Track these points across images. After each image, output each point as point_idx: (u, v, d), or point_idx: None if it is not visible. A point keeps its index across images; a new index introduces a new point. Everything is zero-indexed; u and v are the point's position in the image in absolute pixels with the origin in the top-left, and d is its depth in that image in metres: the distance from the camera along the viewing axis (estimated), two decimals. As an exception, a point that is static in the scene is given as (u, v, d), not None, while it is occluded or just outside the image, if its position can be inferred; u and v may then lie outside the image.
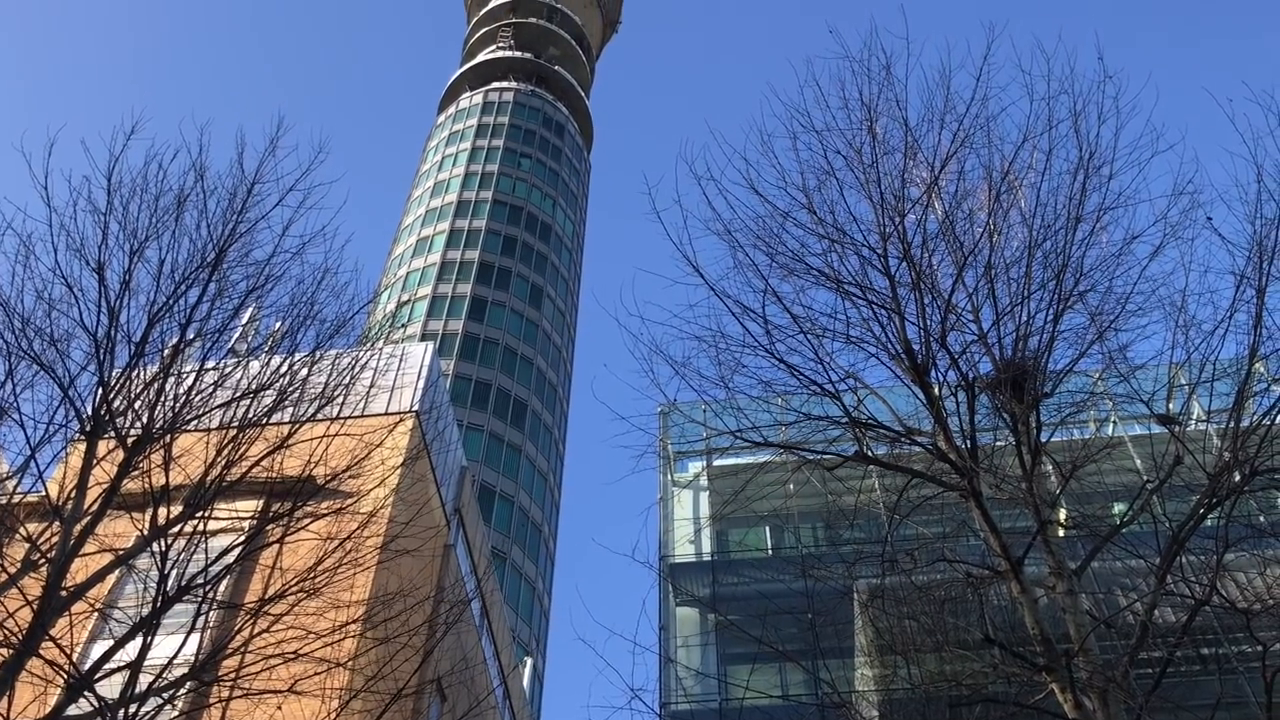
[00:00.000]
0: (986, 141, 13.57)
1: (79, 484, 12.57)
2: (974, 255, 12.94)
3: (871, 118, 13.54)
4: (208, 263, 14.14)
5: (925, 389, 12.60)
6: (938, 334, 12.56)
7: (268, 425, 14.30)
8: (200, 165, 14.70)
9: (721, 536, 29.93)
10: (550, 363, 70.74)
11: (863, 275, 13.15)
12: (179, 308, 14.01)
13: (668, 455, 30.46)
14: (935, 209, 13.39)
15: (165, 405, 13.57)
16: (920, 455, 13.17)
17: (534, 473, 62.58)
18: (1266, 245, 11.26)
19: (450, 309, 68.60)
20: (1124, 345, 12.99)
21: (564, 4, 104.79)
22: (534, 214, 79.43)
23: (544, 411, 67.04)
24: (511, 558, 56.16)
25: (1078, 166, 12.85)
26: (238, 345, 17.22)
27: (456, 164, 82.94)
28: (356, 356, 16.00)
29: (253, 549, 14.86)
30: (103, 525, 12.90)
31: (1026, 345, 12.62)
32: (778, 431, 14.20)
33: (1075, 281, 12.69)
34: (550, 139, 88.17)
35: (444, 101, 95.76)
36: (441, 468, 26.67)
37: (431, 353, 28.83)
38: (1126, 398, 13.46)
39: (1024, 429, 12.21)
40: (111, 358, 13.47)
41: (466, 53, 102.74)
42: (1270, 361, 11.85)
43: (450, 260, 72.91)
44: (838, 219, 13.34)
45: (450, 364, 61.90)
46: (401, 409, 24.29)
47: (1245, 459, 11.15)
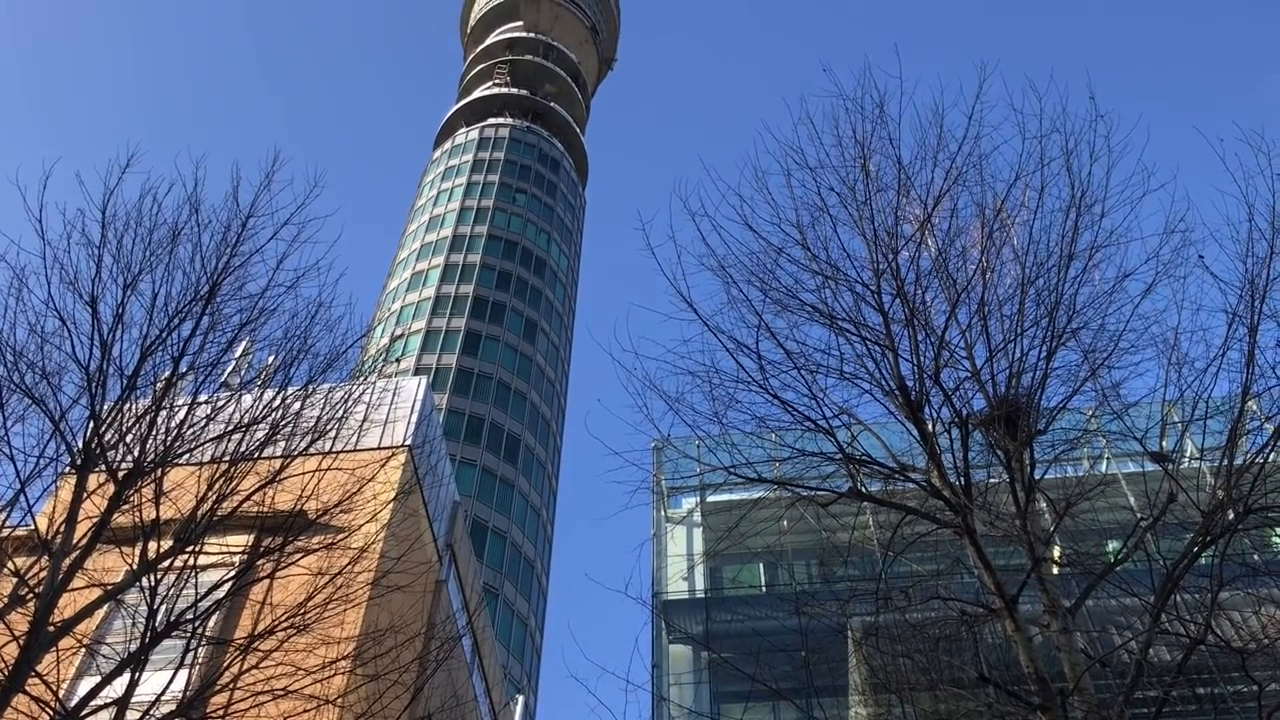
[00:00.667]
0: (979, 179, 13.66)
1: (69, 518, 12.48)
2: (967, 292, 12.98)
3: (865, 155, 13.63)
4: (201, 296, 14.14)
5: (919, 425, 12.59)
6: (931, 370, 12.57)
7: (260, 459, 14.24)
8: (195, 199, 14.75)
9: (715, 573, 29.79)
10: (544, 397, 70.67)
11: (856, 311, 13.18)
12: (172, 341, 14.00)
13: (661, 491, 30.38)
14: (928, 246, 13.45)
15: (157, 439, 13.52)
16: (914, 492, 13.14)
17: (527, 508, 62.33)
18: (1258, 283, 11.31)
19: (444, 343, 68.58)
20: (1117, 383, 13.02)
21: (560, 42, 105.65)
22: (529, 249, 79.66)
23: (537, 446, 66.88)
24: (503, 593, 55.80)
25: (1070, 204, 12.93)
26: (230, 379, 17.19)
27: (452, 199, 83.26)
28: (349, 390, 15.96)
29: (243, 584, 14.76)
30: (92, 559, 12.80)
31: (1020, 382, 12.64)
32: (771, 467, 14.17)
33: (1068, 319, 12.73)
34: (545, 174, 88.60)
35: (440, 137, 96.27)
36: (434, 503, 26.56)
37: (425, 387, 28.80)
38: (1120, 435, 13.45)
39: (1018, 466, 12.19)
40: (103, 391, 13.43)
41: (463, 89, 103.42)
42: (1263, 399, 11.87)
43: (445, 294, 72.98)
44: (831, 255, 13.40)
45: (443, 398, 61.80)
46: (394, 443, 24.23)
47: (1239, 497, 11.13)
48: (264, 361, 16.49)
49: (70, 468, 13.47)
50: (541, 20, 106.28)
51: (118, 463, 13.32)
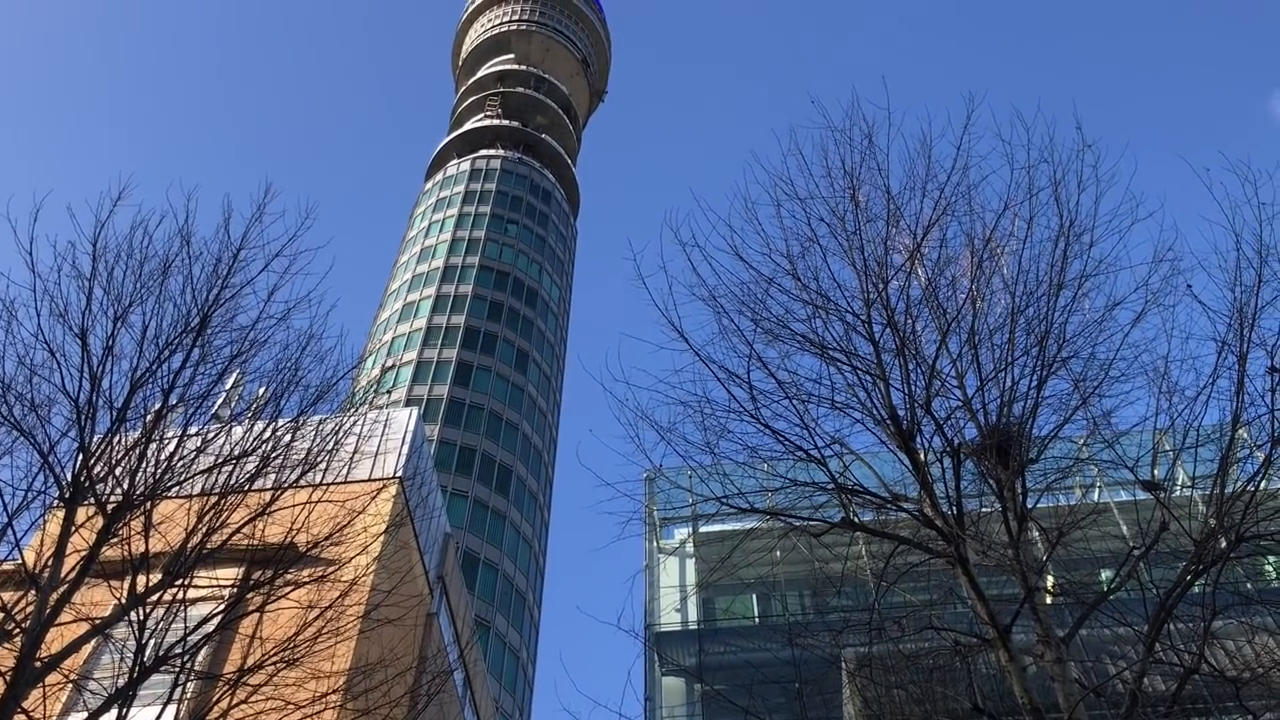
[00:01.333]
0: (968, 209, 13.74)
1: (56, 551, 12.39)
2: (957, 322, 13.02)
3: (854, 186, 13.70)
4: (192, 328, 14.12)
5: (911, 455, 12.59)
6: (922, 400, 12.59)
7: (250, 492, 14.17)
8: (186, 231, 14.75)
9: (708, 604, 29.65)
10: (535, 428, 70.54)
11: (847, 341, 13.21)
12: (162, 373, 13.96)
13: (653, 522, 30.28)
14: (918, 276, 13.50)
15: (146, 471, 13.45)
16: (907, 521, 13.12)
17: (518, 539, 62.06)
18: (1246, 312, 11.37)
19: (435, 374, 68.50)
20: (1108, 411, 13.05)
21: (551, 74, 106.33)
22: (520, 279, 79.79)
23: (529, 477, 66.68)
24: (495, 626, 55.45)
25: (1059, 234, 13.00)
26: (221, 411, 17.13)
27: (443, 230, 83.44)
28: (340, 422, 15.92)
29: (232, 618, 14.64)
30: (79, 593, 12.70)
31: (1011, 411, 12.66)
32: (764, 498, 14.14)
33: (1058, 348, 12.77)
34: (537, 205, 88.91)
35: (431, 168, 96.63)
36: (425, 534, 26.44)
37: (416, 418, 28.73)
38: (1111, 464, 13.47)
39: (1010, 495, 12.19)
40: (93, 423, 13.38)
41: (454, 121, 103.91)
42: (1253, 427, 11.89)
43: (436, 325, 72.99)
44: (822, 285, 13.44)
45: (435, 429, 61.66)
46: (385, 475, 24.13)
47: (1230, 525, 11.14)
48: (254, 393, 16.45)
49: (59, 501, 13.38)
50: (533, 53, 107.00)
51: (107, 496, 13.24)
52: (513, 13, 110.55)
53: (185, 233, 14.71)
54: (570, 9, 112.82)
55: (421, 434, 29.32)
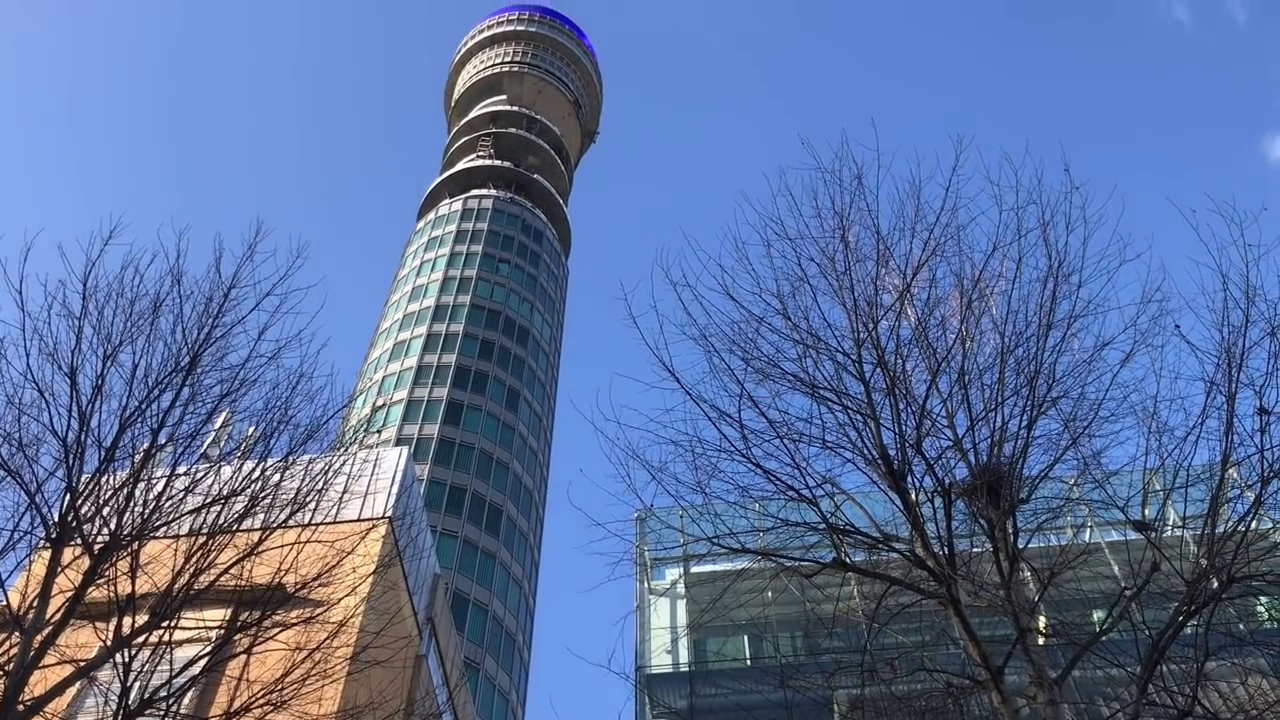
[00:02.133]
0: (957, 250, 13.82)
1: (42, 592, 12.28)
2: (947, 361, 13.06)
3: (844, 226, 13.79)
4: (182, 367, 14.10)
5: (902, 495, 12.58)
6: (913, 439, 12.60)
7: (238, 532, 14.08)
8: (178, 270, 14.77)
9: (699, 646, 29.45)
10: (526, 467, 70.32)
11: (838, 380, 13.23)
12: (151, 412, 13.92)
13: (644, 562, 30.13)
14: (908, 315, 13.55)
15: (134, 511, 13.37)
16: (898, 562, 13.08)
17: (508, 580, 61.65)
18: (1234, 352, 11.43)
19: (426, 413, 68.33)
20: (1098, 451, 13.06)
21: (543, 115, 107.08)
22: (511, 318, 79.86)
23: (519, 517, 66.37)
24: (485, 668, 54.94)
25: (1047, 275, 13.08)
26: (210, 450, 17.06)
27: (435, 269, 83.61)
28: (330, 462, 15.86)
29: (219, 659, 14.49)
30: (65, 635, 12.57)
31: (1001, 451, 12.66)
32: (755, 538, 14.09)
33: (1048, 388, 12.81)
34: (529, 245, 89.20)
35: (423, 208, 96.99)
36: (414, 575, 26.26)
37: (406, 458, 28.63)
38: (1102, 504, 13.47)
39: (1001, 535, 12.17)
40: (81, 463, 13.31)
41: (446, 161, 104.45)
42: (1243, 467, 11.92)
43: (427, 364, 72.91)
44: (812, 325, 13.49)
45: (425, 469, 61.41)
46: (374, 515, 24.01)
47: (1222, 566, 11.13)
48: (244, 433, 16.39)
49: (45, 541, 13.28)
50: (525, 94, 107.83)
51: (94, 536, 13.14)
52: (506, 55, 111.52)
53: (176, 271, 14.74)
54: (562, 51, 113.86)
55: (411, 473, 29.21)
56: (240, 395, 14.82)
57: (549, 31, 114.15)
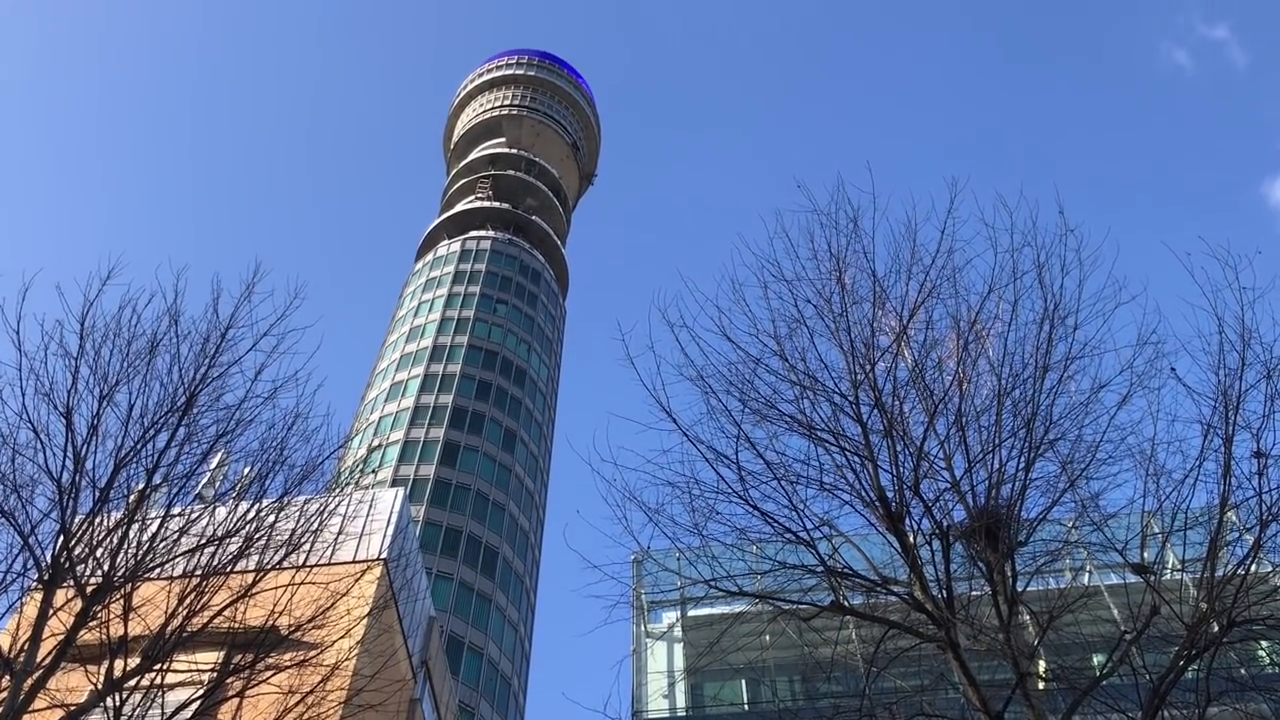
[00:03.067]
0: (953, 292, 13.86)
1: (33, 635, 12.17)
2: (944, 403, 13.05)
3: (840, 268, 13.83)
4: (178, 407, 14.07)
5: (900, 537, 12.53)
6: (911, 481, 12.57)
7: (232, 573, 13.99)
8: (175, 310, 14.78)
9: (696, 690, 29.15)
10: (522, 509, 70.01)
11: (835, 422, 13.21)
12: (147, 452, 13.87)
13: (641, 605, 29.91)
14: (905, 357, 13.56)
15: (128, 553, 13.28)
16: (897, 605, 13.00)
17: (504, 623, 61.17)
18: (1231, 395, 11.44)
19: (422, 454, 68.13)
20: (1096, 494, 13.02)
21: (542, 157, 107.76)
22: (509, 359, 79.88)
23: (515, 559, 65.98)
24: (480, 713, 54.36)
25: (1043, 317, 13.11)
26: (205, 491, 16.98)
27: (433, 309, 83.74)
28: (325, 502, 15.79)
29: (211, 703, 14.34)
30: (55, 678, 12.44)
31: (999, 493, 12.63)
32: (752, 580, 14.01)
33: (1045, 430, 12.79)
34: (526, 285, 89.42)
35: (422, 249, 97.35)
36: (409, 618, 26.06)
37: (402, 498, 28.50)
38: (1101, 546, 13.41)
39: (1000, 578, 12.11)
40: (75, 504, 13.24)
41: (445, 203, 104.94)
42: (1241, 510, 11.88)
43: (424, 404, 72.81)
44: (809, 366, 13.49)
45: (421, 510, 61.14)
46: (369, 556, 23.86)
47: (1222, 609, 11.06)
48: (239, 473, 16.33)
49: (37, 583, 13.18)
50: (524, 137, 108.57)
51: (86, 578, 13.05)
52: (505, 98, 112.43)
53: (174, 311, 14.76)
54: (561, 95, 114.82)
55: (407, 515, 29.07)
56: (236, 435, 14.79)
57: (548, 76, 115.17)
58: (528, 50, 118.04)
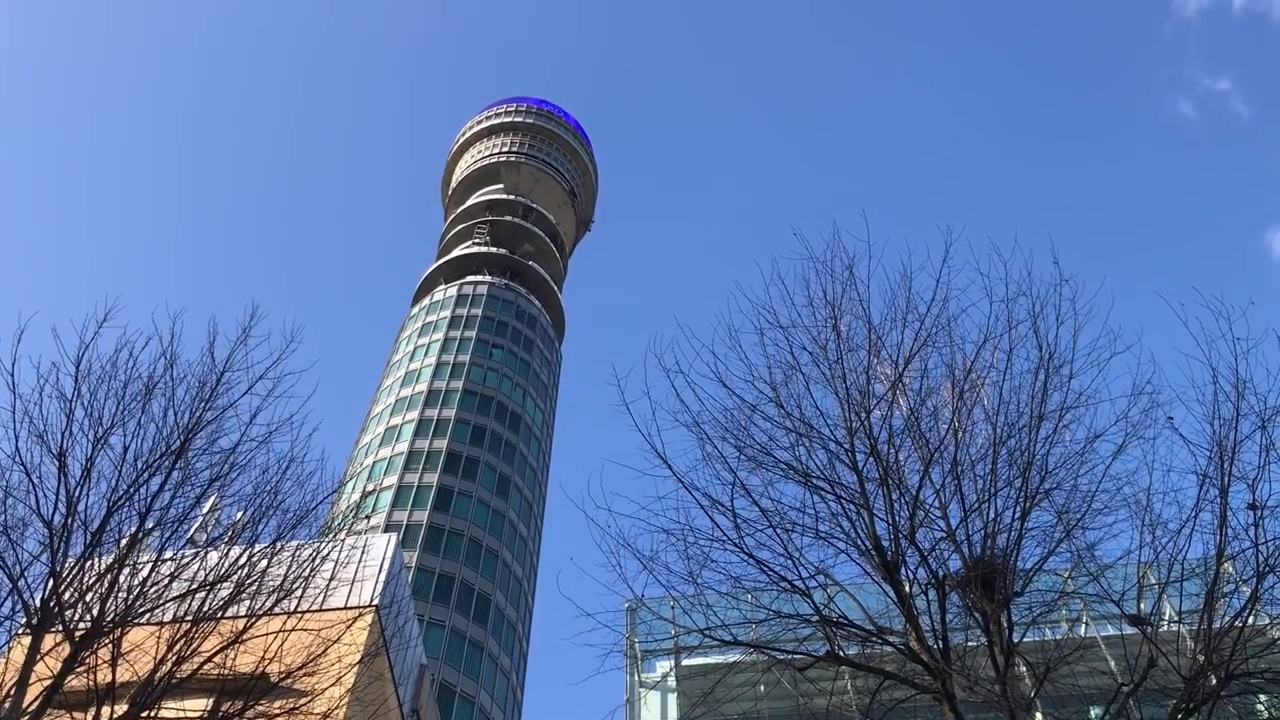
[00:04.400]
0: (949, 340, 13.91)
1: (19, 681, 12.03)
2: (940, 452, 13.05)
3: (836, 315, 13.88)
4: (172, 450, 14.03)
5: (896, 586, 12.47)
6: (907, 530, 12.53)
7: (223, 619, 13.87)
8: (171, 353, 14.79)
9: (690, 741, 28.80)
10: (516, 555, 69.56)
11: (831, 470, 13.19)
12: (140, 496, 13.80)
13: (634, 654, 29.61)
14: (900, 405, 13.58)
15: (118, 597, 13.18)
16: (892, 655, 12.90)
17: (496, 671, 60.55)
18: (1226, 445, 11.45)
19: (416, 499, 67.80)
20: (1092, 544, 12.99)
21: (539, 203, 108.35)
22: (504, 404, 79.76)
23: (508, 607, 65.46)
24: (470, 762, 53.64)
25: (1038, 366, 13.15)
26: (197, 535, 16.89)
27: (428, 354, 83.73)
28: (318, 548, 15.71)
29: (198, 752, 14.16)
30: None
31: (995, 543, 12.59)
32: (747, 630, 13.91)
33: (1041, 479, 12.78)
34: (522, 330, 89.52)
35: (418, 294, 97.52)
36: (400, 665, 25.81)
37: (394, 545, 28.36)
38: (1097, 597, 13.35)
39: (996, 629, 12.03)
40: (66, 547, 13.16)
41: (442, 248, 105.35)
42: (1238, 562, 11.85)
43: (418, 449, 72.57)
44: (804, 413, 13.49)
45: (413, 556, 60.71)
46: (361, 603, 23.69)
47: (1220, 662, 10.99)
48: (232, 517, 16.24)
49: (25, 627, 13.05)
50: (521, 183, 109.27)
51: (75, 622, 12.93)
52: (503, 145, 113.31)
53: (170, 355, 14.77)
54: (559, 142, 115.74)
55: (400, 561, 28.89)
56: (230, 479, 14.74)
57: (546, 123, 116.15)
58: (526, 98, 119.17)
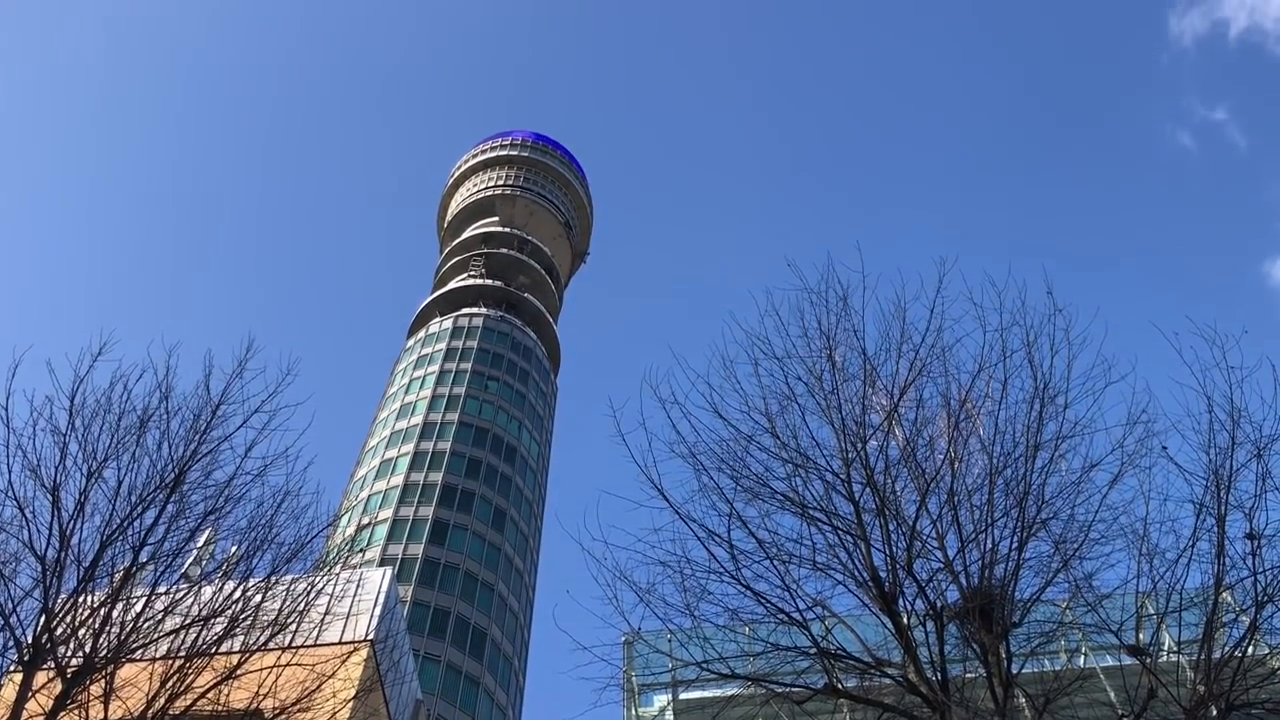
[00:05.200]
0: (943, 370, 13.92)
1: (11, 717, 11.92)
2: (936, 482, 13.03)
3: (830, 346, 13.90)
4: (166, 484, 13.98)
5: (894, 618, 12.41)
6: (904, 561, 12.49)
7: (217, 655, 13.77)
8: (166, 386, 14.77)
9: (687, 776, 28.55)
10: (512, 589, 69.17)
11: (827, 500, 13.16)
12: (134, 530, 13.73)
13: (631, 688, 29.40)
14: (896, 435, 13.57)
15: (110, 633, 13.08)
16: (891, 688, 12.82)
17: (492, 706, 60.06)
18: (1222, 474, 11.45)
19: (411, 532, 67.47)
20: (1089, 574, 12.95)
21: (534, 236, 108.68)
22: (499, 436, 79.60)
23: (504, 641, 65.02)
24: (466, 798, 53.09)
25: (1034, 395, 13.16)
26: (191, 569, 16.79)
27: (424, 386, 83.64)
28: (312, 582, 15.62)
29: (191, 789, 14.00)
30: (31, 763, 12.16)
31: (993, 573, 12.55)
32: (745, 662, 13.82)
33: (1037, 509, 12.76)
34: (518, 362, 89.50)
35: (414, 326, 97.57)
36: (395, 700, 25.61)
37: (390, 579, 28.22)
38: (1095, 627, 13.30)
39: (994, 660, 11.97)
40: (59, 582, 13.08)
41: (438, 280, 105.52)
42: (1237, 591, 11.81)
43: (413, 482, 72.33)
44: (800, 443, 13.48)
45: (409, 590, 60.34)
46: (356, 638, 23.52)
47: (1220, 692, 10.94)
48: (227, 551, 16.16)
49: (16, 664, 12.94)
50: (517, 216, 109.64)
51: (67, 659, 12.82)
52: (499, 178, 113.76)
53: (165, 387, 14.74)
54: (554, 175, 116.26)
55: (395, 595, 28.74)
56: (225, 513, 14.67)
57: (542, 157, 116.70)
58: (521, 131, 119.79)
